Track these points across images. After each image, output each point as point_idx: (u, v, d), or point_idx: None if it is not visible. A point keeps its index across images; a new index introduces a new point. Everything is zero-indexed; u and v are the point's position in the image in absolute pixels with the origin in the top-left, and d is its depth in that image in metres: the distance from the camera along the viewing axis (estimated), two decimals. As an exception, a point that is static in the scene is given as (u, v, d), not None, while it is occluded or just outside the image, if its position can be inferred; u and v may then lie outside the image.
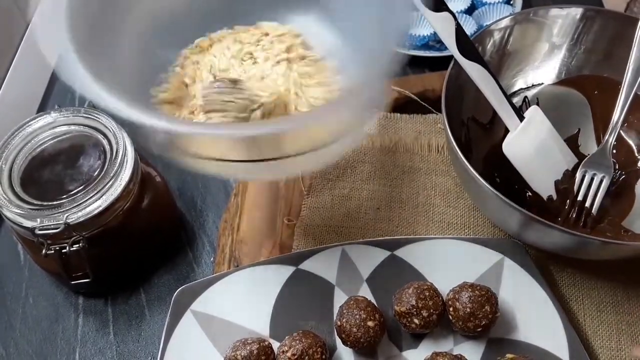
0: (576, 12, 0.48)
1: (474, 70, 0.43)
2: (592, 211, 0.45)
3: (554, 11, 0.48)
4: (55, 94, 0.63)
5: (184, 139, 0.34)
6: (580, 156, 0.49)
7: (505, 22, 0.48)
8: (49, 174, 0.43)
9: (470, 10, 0.64)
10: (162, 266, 0.51)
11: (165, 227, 0.51)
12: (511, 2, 0.64)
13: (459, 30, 0.42)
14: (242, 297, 0.43)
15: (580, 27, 0.48)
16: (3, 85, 0.57)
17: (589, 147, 0.50)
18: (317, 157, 0.35)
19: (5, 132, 0.54)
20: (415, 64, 0.62)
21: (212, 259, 0.51)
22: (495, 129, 0.50)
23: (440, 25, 0.41)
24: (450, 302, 0.40)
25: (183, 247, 0.52)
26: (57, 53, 0.32)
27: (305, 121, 0.34)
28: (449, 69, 0.45)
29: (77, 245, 0.42)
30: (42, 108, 0.61)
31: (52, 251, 0.42)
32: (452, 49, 0.42)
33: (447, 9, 0.41)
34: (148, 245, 0.49)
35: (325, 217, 0.49)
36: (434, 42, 0.62)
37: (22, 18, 0.61)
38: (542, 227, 0.38)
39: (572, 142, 0.50)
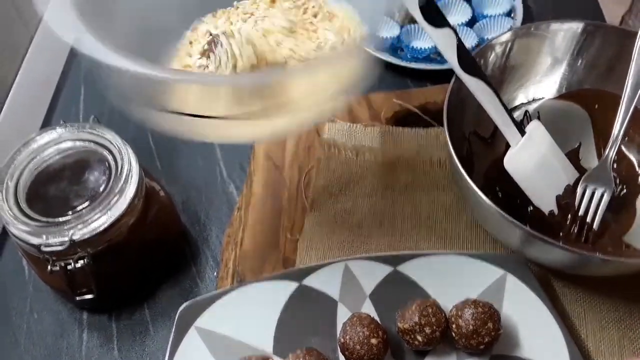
0: (577, 27, 0.48)
1: (475, 86, 0.43)
2: (594, 226, 0.46)
3: (555, 26, 0.48)
4: (59, 107, 0.63)
5: (162, 87, 0.33)
6: (581, 170, 0.49)
7: (506, 37, 0.48)
8: (55, 190, 0.44)
9: (471, 23, 0.64)
10: (166, 281, 0.51)
11: (169, 241, 0.51)
12: (512, 15, 0.64)
13: (460, 46, 0.42)
14: (246, 314, 0.43)
15: (581, 42, 0.49)
16: (8, 98, 0.57)
17: (590, 161, 0.50)
18: (299, 115, 0.35)
19: (10, 145, 0.55)
20: (416, 77, 0.62)
21: (215, 274, 0.51)
22: (497, 143, 0.50)
23: (442, 42, 0.42)
24: (453, 319, 0.40)
25: (187, 262, 0.52)
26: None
27: (292, 73, 0.34)
28: (451, 83, 0.45)
29: (82, 262, 0.42)
30: (47, 121, 0.62)
31: (57, 268, 0.42)
32: (454, 64, 0.42)
33: (449, 25, 0.41)
34: (152, 260, 0.49)
35: (328, 232, 0.49)
36: (435, 54, 0.62)
37: (27, 30, 0.61)
38: (543, 244, 0.38)
39: (573, 156, 0.50)
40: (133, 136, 0.60)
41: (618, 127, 0.46)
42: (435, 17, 0.40)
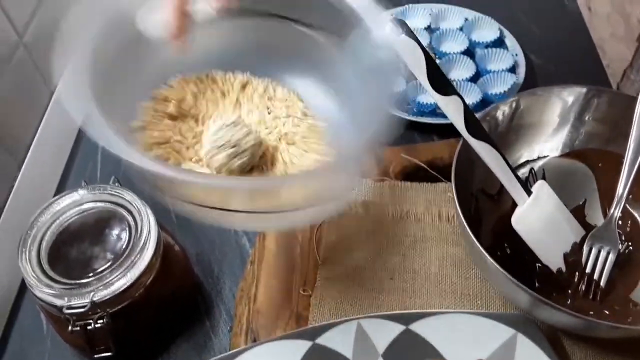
0: (581, 91, 0.50)
1: (482, 149, 0.45)
2: (601, 284, 0.47)
3: (559, 90, 0.50)
4: (77, 163, 0.65)
5: (181, 186, 0.36)
6: (587, 227, 0.50)
7: (511, 100, 0.50)
8: (76, 251, 0.45)
9: (475, 78, 0.66)
10: (180, 335, 0.52)
11: (183, 295, 0.53)
12: (515, 71, 0.67)
13: (467, 112, 0.44)
14: (261, 374, 0.44)
15: (585, 105, 0.50)
16: (29, 153, 0.59)
17: (596, 217, 0.51)
18: (306, 214, 0.38)
19: (28, 203, 0.57)
20: (422, 131, 0.64)
21: (229, 328, 0.52)
22: (504, 200, 0.51)
23: (450, 108, 0.43)
24: (465, 381, 0.41)
25: (200, 315, 0.53)
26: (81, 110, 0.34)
27: (292, 181, 0.37)
28: (459, 146, 0.47)
29: (102, 322, 0.43)
30: (65, 177, 0.63)
31: (78, 328, 0.43)
32: (462, 129, 0.44)
33: (455, 92, 0.43)
34: (167, 314, 0.50)
35: (340, 288, 0.50)
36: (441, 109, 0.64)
37: (46, 88, 0.64)
38: (550, 308, 0.39)
39: (579, 213, 0.52)
40: (149, 190, 0.62)
41: (622, 189, 0.47)
42: (443, 85, 0.42)
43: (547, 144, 0.53)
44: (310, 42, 0.45)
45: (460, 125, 0.44)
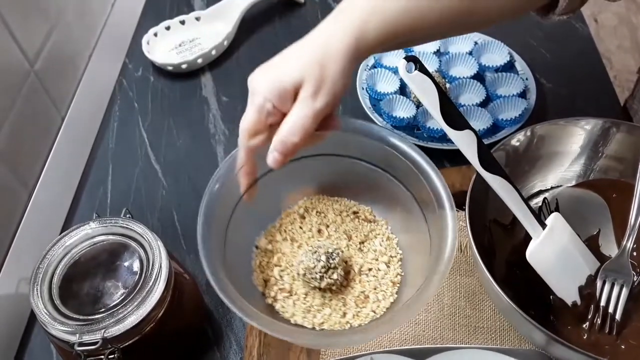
0: (597, 122, 0.50)
1: (495, 183, 0.44)
2: (616, 317, 0.46)
3: (575, 121, 0.50)
4: (86, 193, 0.65)
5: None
6: (601, 257, 0.50)
7: (526, 130, 0.50)
8: (88, 286, 0.45)
9: (485, 103, 0.66)
10: (191, 366, 0.51)
11: (194, 326, 0.52)
12: (525, 96, 0.66)
13: (481, 146, 0.44)
14: (273, 410, 0.43)
15: (601, 137, 0.50)
16: (38, 183, 0.59)
17: (610, 248, 0.51)
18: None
19: (38, 232, 0.57)
20: (432, 156, 0.63)
21: (239, 359, 0.51)
22: (517, 230, 0.51)
23: (463, 143, 0.43)
24: (481, 421, 0.40)
25: (211, 346, 0.53)
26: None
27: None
28: (473, 177, 0.47)
29: (112, 357, 0.43)
30: (74, 208, 0.63)
31: (89, 363, 0.43)
32: (475, 163, 0.44)
33: (469, 127, 0.43)
34: (178, 346, 0.50)
35: (353, 320, 0.50)
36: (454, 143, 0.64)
37: (58, 115, 0.64)
38: (565, 348, 0.39)
39: (593, 243, 0.51)
40: (159, 215, 0.62)
41: (634, 219, 0.47)
42: (456, 120, 0.42)
43: (561, 174, 0.52)
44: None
45: (474, 160, 0.43)
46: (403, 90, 0.69)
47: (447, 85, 0.68)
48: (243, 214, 0.50)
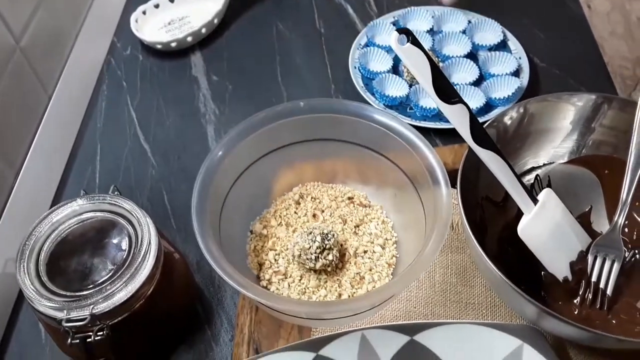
0: (589, 98, 0.49)
1: (488, 158, 0.44)
2: (607, 292, 0.46)
3: (567, 97, 0.50)
4: (75, 168, 0.64)
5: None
6: (593, 233, 0.50)
7: (519, 106, 0.50)
8: (75, 262, 0.44)
9: (478, 82, 0.66)
10: (181, 344, 0.51)
11: (184, 304, 0.52)
12: (519, 75, 0.66)
13: (473, 120, 0.43)
14: (264, 386, 0.43)
15: (592, 112, 0.50)
16: (26, 161, 0.58)
17: (602, 224, 0.51)
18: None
19: (25, 212, 0.56)
20: (425, 134, 0.63)
21: (230, 337, 0.51)
22: (509, 207, 0.51)
23: (455, 117, 0.43)
24: (472, 394, 0.40)
25: (201, 325, 0.52)
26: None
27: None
28: (465, 153, 0.46)
29: (101, 334, 0.42)
30: (62, 187, 0.62)
31: (77, 340, 0.42)
32: (467, 138, 0.43)
33: (461, 101, 0.42)
34: (168, 325, 0.50)
35: (344, 297, 0.50)
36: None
37: (45, 93, 0.63)
38: (556, 320, 0.39)
39: (585, 220, 0.51)
40: (148, 195, 0.62)
41: (625, 195, 0.47)
42: (448, 93, 0.42)
43: (553, 151, 0.52)
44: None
45: (466, 134, 0.43)
46: (396, 69, 0.68)
47: (440, 64, 0.67)
48: (237, 199, 0.50)
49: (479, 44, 0.69)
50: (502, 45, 0.69)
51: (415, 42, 0.39)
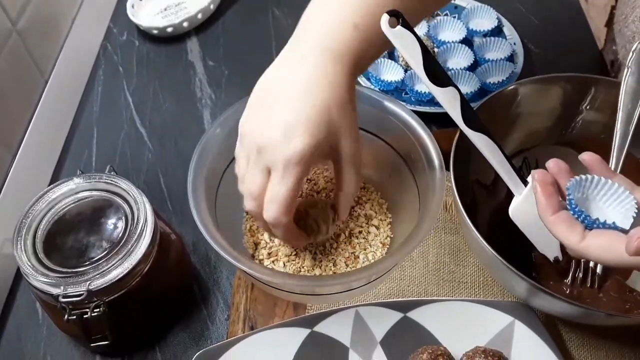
0: (578, 80, 0.50)
1: (479, 141, 0.44)
2: (597, 270, 0.47)
3: (556, 79, 0.50)
4: (72, 150, 0.64)
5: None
6: (583, 214, 0.50)
7: (509, 89, 0.50)
8: (72, 239, 0.45)
9: (473, 67, 0.66)
10: (177, 324, 0.52)
11: (181, 284, 0.52)
12: (513, 60, 0.66)
13: (464, 103, 0.43)
14: (259, 361, 0.44)
15: (582, 94, 0.50)
16: (23, 141, 0.58)
17: (592, 205, 0.51)
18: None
19: (23, 193, 0.56)
20: (420, 119, 0.64)
21: (226, 317, 0.52)
22: (498, 189, 0.51)
23: (446, 100, 0.43)
24: (463, 368, 0.41)
25: (197, 304, 0.53)
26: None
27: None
28: (457, 136, 0.47)
29: (98, 310, 0.43)
30: (60, 164, 0.63)
31: (74, 316, 0.43)
32: (458, 121, 0.44)
33: (452, 84, 0.43)
34: (165, 303, 0.50)
35: (338, 276, 0.50)
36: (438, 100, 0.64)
37: (41, 76, 0.63)
38: (547, 296, 0.39)
39: (575, 201, 0.52)
40: (145, 178, 0.62)
41: (612, 175, 0.47)
42: (439, 77, 0.42)
43: (543, 133, 0.52)
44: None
45: (457, 117, 0.43)
46: (391, 54, 0.68)
47: (436, 49, 0.68)
48: (233, 178, 0.50)
49: (474, 30, 0.69)
50: (497, 31, 0.70)
51: (406, 25, 0.40)
